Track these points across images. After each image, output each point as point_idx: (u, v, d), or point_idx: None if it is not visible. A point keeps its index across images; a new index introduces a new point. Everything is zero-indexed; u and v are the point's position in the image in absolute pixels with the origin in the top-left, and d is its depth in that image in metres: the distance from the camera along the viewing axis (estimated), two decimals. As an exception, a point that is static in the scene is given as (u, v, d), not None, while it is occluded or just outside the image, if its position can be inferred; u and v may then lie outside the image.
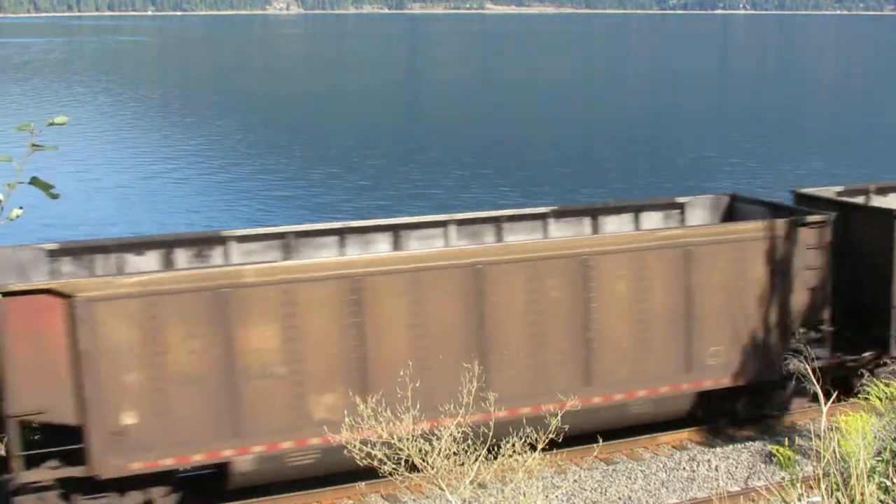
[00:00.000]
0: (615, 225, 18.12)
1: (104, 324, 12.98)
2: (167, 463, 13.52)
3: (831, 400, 11.02)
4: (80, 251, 15.23)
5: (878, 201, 19.52)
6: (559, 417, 9.48)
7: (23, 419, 12.92)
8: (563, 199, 38.84)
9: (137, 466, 13.34)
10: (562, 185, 45.65)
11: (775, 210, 17.57)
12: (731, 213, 18.69)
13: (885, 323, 17.18)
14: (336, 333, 14.04)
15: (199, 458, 13.77)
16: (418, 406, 9.39)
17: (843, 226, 17.14)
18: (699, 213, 18.69)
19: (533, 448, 9.17)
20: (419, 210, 32.54)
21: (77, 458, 13.22)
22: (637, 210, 18.45)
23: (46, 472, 11.21)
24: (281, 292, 13.72)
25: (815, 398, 14.70)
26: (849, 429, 9.42)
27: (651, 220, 18.41)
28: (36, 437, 13.28)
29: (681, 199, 18.82)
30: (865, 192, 19.83)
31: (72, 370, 12.98)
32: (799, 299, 16.45)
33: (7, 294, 12.48)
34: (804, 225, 16.34)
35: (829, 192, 18.96)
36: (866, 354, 17.35)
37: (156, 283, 13.27)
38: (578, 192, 42.96)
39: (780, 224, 16.37)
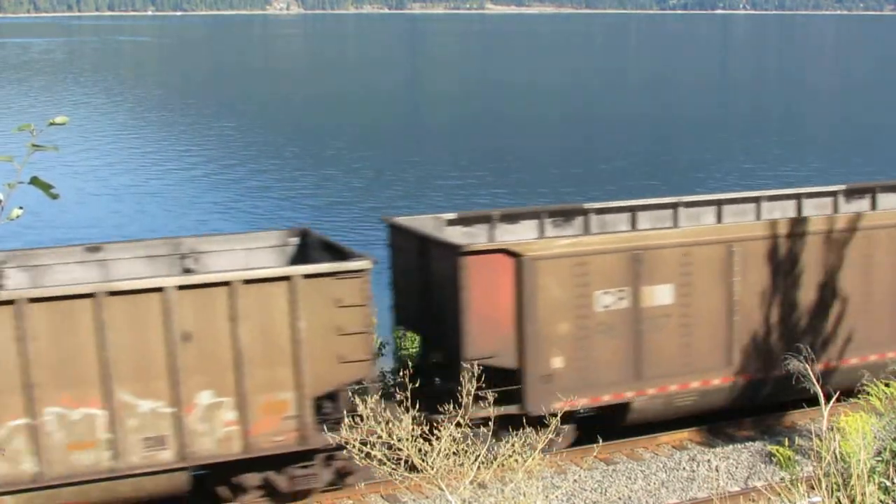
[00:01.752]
0: None
1: (542, 280, 14.83)
2: (583, 402, 14.99)
3: (831, 400, 11.03)
4: (470, 220, 17.54)
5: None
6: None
7: (476, 363, 13.79)
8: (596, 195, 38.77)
9: (560, 406, 14.03)
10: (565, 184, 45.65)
11: None
12: None
13: None
14: (717, 292, 15.95)
15: (606, 399, 15.68)
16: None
17: None
18: None
19: (533, 448, 9.17)
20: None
21: (511, 398, 14.77)
22: None
23: (489, 410, 11.73)
24: (680, 254, 15.64)
25: None
26: (849, 429, 9.43)
27: None
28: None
29: None
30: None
31: (515, 321, 14.79)
32: None
33: (468, 253, 14.44)
34: None
35: None
36: None
37: (584, 244, 15.38)
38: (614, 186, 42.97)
39: None
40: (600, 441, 14.23)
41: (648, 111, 78.54)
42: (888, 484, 8.94)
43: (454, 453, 8.93)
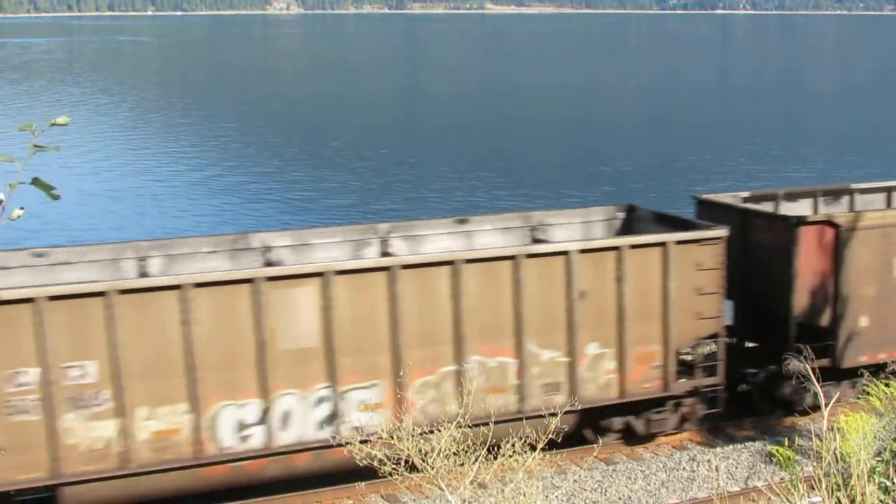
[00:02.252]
0: None
1: (855, 248, 16.72)
2: (881, 357, 17.00)
3: (832, 400, 11.02)
4: (759, 199, 19.02)
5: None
6: None
7: (801, 323, 16.65)
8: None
9: (864, 360, 16.78)
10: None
11: None
12: None
13: None
14: None
15: None
16: None
17: None
18: None
19: (533, 448, 9.17)
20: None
21: (823, 352, 16.39)
22: None
23: (806, 363, 12.69)
24: None
25: None
26: (849, 429, 9.42)
27: None
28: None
29: None
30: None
31: (832, 284, 16.73)
32: None
33: (802, 224, 16.46)
34: None
35: None
36: None
37: (890, 217, 17.30)
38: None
39: None
40: (600, 441, 14.25)
41: (648, 113, 78.50)
42: (888, 484, 8.94)
43: (454, 453, 8.93)
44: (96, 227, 36.85)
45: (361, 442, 9.37)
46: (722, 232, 15.75)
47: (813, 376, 11.45)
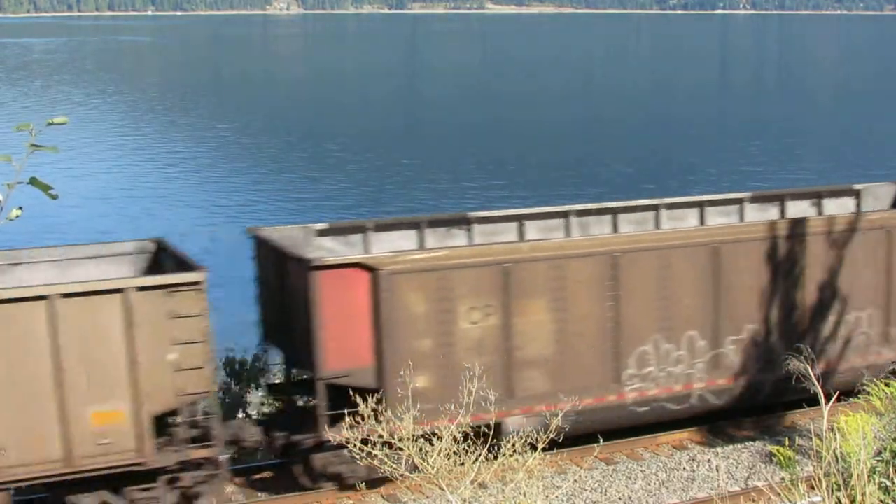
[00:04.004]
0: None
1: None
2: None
3: (832, 400, 11.03)
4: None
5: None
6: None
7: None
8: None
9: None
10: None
11: None
12: None
13: None
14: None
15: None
16: None
17: None
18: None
19: (533, 448, 9.16)
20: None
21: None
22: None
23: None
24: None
25: None
26: (849, 429, 9.42)
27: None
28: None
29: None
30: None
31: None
32: None
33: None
34: None
35: None
36: None
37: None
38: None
39: None
40: (601, 441, 14.22)
41: (649, 114, 78.55)
42: (888, 484, 8.94)
43: (454, 453, 8.92)
44: (96, 227, 36.84)
45: (362, 442, 9.35)
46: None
47: (813, 376, 11.43)
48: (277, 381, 17.23)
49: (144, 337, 12.99)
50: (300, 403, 15.90)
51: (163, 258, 15.29)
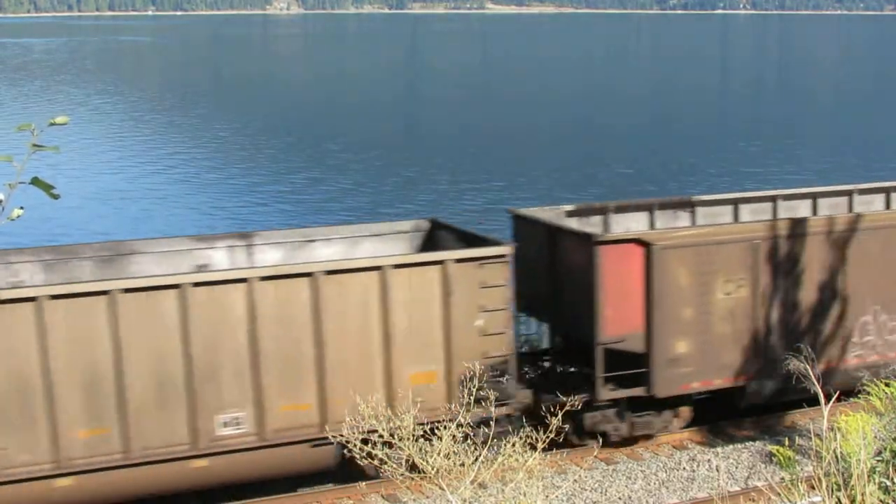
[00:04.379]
0: None
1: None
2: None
3: (832, 400, 11.03)
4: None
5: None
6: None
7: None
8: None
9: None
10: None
11: None
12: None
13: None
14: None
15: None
16: None
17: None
18: None
19: (533, 448, 9.17)
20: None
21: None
22: None
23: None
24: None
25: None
26: (849, 429, 9.43)
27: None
28: None
29: None
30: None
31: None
32: None
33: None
34: None
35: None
36: None
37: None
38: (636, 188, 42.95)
39: None
40: (601, 441, 14.21)
41: (648, 116, 78.48)
42: (888, 484, 8.95)
43: (455, 453, 8.93)
44: (95, 226, 36.85)
45: (363, 441, 9.36)
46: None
47: (812, 376, 11.44)
48: (541, 349, 18.01)
49: (458, 305, 14.49)
50: (559, 369, 17.00)
51: (438, 236, 16.90)
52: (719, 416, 17.37)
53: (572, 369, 16.60)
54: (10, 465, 12.72)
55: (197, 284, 13.32)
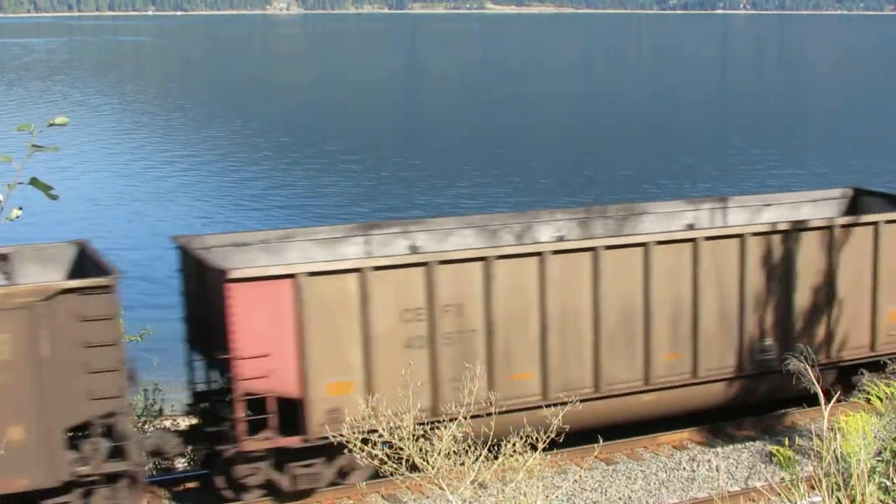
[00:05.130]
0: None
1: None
2: None
3: (832, 400, 11.03)
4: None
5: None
6: None
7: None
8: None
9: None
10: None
11: None
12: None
13: None
14: None
15: None
16: None
17: None
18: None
19: (533, 448, 9.16)
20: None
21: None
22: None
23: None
24: None
25: None
26: (849, 429, 9.42)
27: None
28: None
29: None
30: None
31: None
32: None
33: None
34: None
35: None
36: None
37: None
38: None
39: None
40: (601, 441, 14.21)
41: (647, 117, 78.51)
42: (888, 484, 8.94)
43: (455, 452, 8.93)
44: (94, 226, 36.88)
45: (363, 441, 9.35)
46: None
47: (811, 374, 11.44)
48: None
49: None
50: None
51: (863, 202, 19.19)
52: (719, 416, 17.39)
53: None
54: (615, 382, 15.58)
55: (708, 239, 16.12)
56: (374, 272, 13.88)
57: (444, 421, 8.94)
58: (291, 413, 13.83)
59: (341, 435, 9.43)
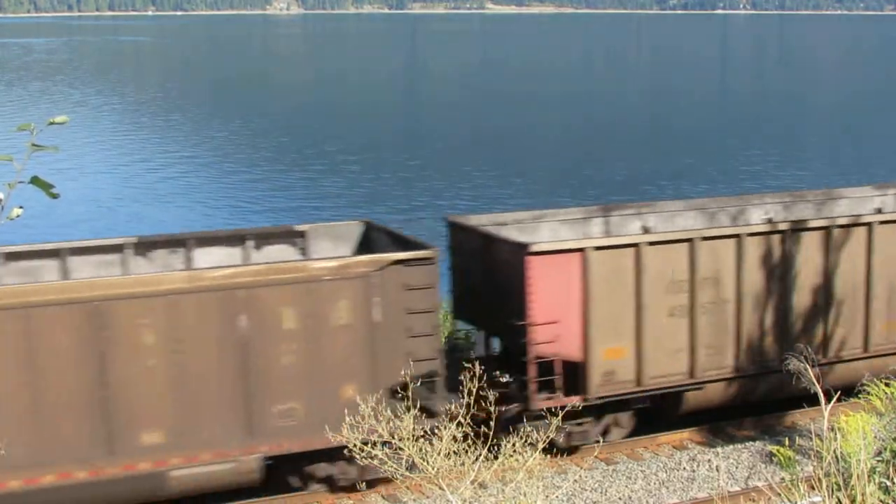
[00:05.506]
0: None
1: None
2: None
3: (832, 400, 11.03)
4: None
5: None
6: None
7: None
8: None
9: None
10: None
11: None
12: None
13: None
14: None
15: None
16: None
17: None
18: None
19: (533, 448, 9.16)
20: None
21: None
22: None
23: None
24: None
25: None
26: (849, 429, 9.43)
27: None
28: None
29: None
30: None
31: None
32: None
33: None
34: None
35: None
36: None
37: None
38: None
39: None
40: (601, 441, 14.19)
41: (647, 117, 78.49)
42: (888, 484, 8.95)
43: (455, 452, 8.93)
44: (95, 225, 36.88)
45: (363, 442, 9.35)
46: None
47: (812, 376, 11.43)
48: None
49: None
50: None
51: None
52: (719, 416, 17.38)
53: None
54: (842, 350, 16.78)
55: None
56: (648, 247, 15.32)
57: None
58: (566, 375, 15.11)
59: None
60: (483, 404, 14.81)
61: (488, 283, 15.79)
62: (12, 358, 12.52)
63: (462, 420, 9.10)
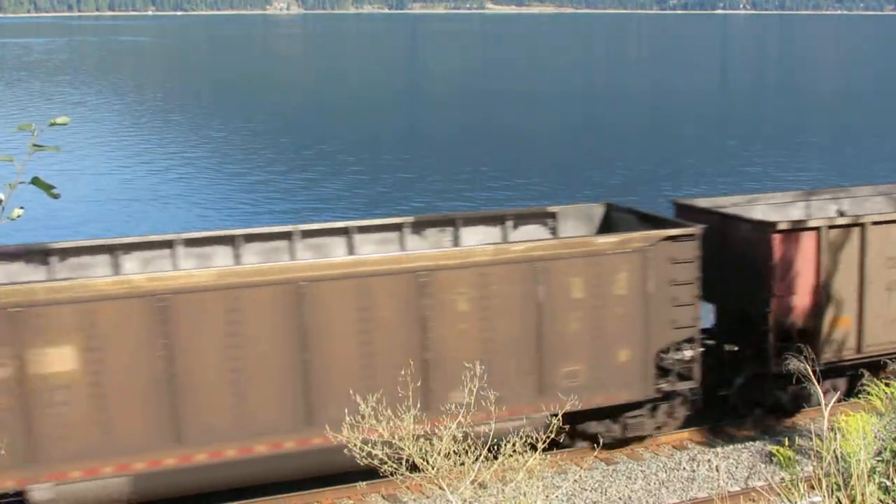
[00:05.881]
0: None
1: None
2: None
3: (832, 400, 11.03)
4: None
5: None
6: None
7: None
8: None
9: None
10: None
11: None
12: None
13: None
14: None
15: None
16: None
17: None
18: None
19: (533, 448, 9.16)
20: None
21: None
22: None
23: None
24: None
25: None
26: (849, 429, 9.42)
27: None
28: None
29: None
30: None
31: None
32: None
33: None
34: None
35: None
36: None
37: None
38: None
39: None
40: (601, 441, 14.18)
41: (646, 117, 78.39)
42: (888, 484, 8.95)
43: (455, 452, 8.92)
44: (96, 224, 36.89)
45: (363, 442, 9.35)
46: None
47: (812, 376, 11.46)
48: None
49: None
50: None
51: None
52: (719, 416, 17.38)
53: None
54: (875, 343, 17.16)
55: None
56: (872, 227, 16.67)
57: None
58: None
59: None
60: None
61: (723, 259, 16.66)
62: (351, 325, 13.92)
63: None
